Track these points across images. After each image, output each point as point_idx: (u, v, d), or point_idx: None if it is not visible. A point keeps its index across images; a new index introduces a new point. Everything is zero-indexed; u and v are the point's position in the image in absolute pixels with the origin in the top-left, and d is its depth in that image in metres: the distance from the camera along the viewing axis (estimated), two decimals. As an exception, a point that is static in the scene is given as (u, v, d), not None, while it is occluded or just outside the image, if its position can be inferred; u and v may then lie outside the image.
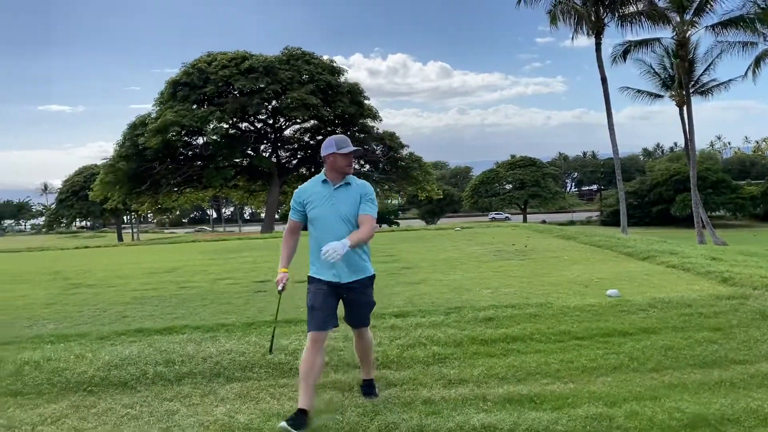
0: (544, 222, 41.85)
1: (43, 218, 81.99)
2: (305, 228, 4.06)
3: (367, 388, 4.35)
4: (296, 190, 4.02)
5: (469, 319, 5.95)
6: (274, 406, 4.15)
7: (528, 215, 78.39)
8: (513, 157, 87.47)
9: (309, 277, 4.02)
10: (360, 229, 3.75)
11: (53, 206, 72.50)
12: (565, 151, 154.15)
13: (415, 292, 7.78)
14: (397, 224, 66.63)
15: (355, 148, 3.92)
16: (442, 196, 51.42)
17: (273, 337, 4.59)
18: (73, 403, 4.34)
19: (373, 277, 4.03)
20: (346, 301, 3.97)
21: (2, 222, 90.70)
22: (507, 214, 79.25)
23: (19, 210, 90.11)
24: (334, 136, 3.98)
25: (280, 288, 4.05)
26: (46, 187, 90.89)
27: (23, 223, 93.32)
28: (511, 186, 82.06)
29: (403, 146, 42.46)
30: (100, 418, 4.07)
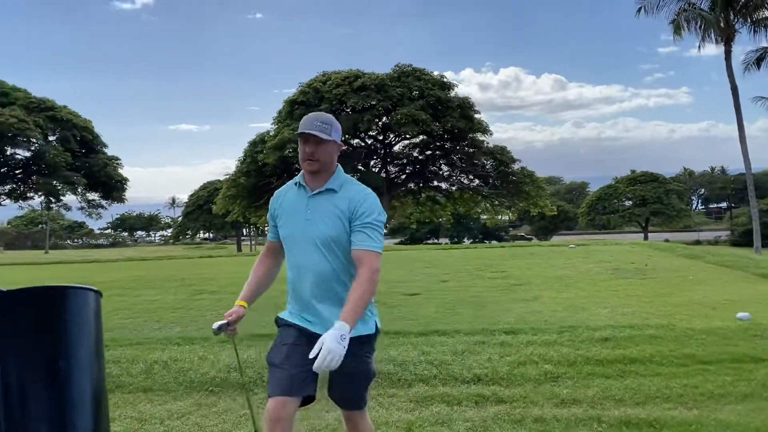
0: (666, 241, 39.56)
1: (171, 230, 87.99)
2: None
3: None
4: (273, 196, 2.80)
5: (584, 339, 5.73)
6: (383, 414, 4.20)
7: (649, 234, 74.29)
8: (633, 172, 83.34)
9: (276, 319, 2.76)
10: (356, 284, 2.34)
11: (180, 219, 77.71)
12: (691, 166, 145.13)
13: (527, 309, 7.61)
14: (508, 241, 65.42)
15: (313, 132, 2.46)
16: (555, 213, 49.90)
17: (249, 403, 3.03)
18: (196, 401, 4.61)
19: (376, 335, 2.61)
20: None
21: (135, 233, 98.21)
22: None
23: (150, 222, 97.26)
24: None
25: (219, 328, 2.80)
26: (174, 200, 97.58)
27: (153, 234, 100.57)
28: (631, 203, 78.16)
29: (514, 161, 41.67)
30: (221, 417, 4.29)
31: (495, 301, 8.33)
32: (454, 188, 40.81)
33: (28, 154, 36.92)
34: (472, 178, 41.05)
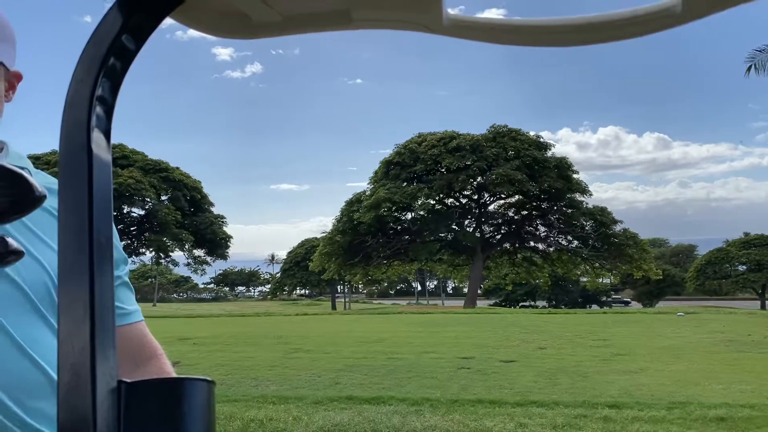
0: (787, 309, 36.31)
1: (269, 286, 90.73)
2: None
3: None
4: None
5: (696, 417, 5.29)
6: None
7: (767, 302, 68.67)
8: (747, 234, 78.13)
9: None
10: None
11: (278, 275, 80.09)
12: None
13: (632, 381, 7.16)
14: (610, 306, 62.47)
15: None
16: (661, 277, 47.37)
17: None
18: (289, 464, 4.62)
19: None
20: None
21: (236, 288, 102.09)
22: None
23: (250, 278, 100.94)
24: None
25: None
26: (273, 257, 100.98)
27: (253, 290, 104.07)
28: (745, 267, 72.97)
29: (615, 222, 40.26)
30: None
31: (597, 371, 7.90)
32: (551, 249, 39.77)
33: (142, 212, 39.66)
34: (570, 239, 39.92)
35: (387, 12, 0.47)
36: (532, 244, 41.53)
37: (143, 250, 40.85)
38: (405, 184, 40.73)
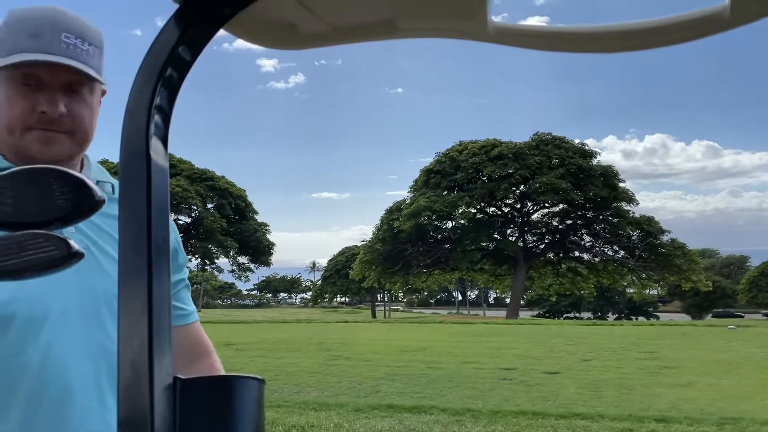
0: None
1: (310, 293, 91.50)
2: None
3: None
4: None
5: (750, 435, 5.11)
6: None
7: (824, 315, 65.92)
8: (801, 245, 75.17)
9: None
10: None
11: (319, 282, 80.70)
12: None
13: (681, 395, 6.96)
14: (657, 318, 60.85)
15: (67, 61, 1.00)
16: (710, 289, 45.94)
17: None
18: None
19: None
20: None
21: (278, 295, 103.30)
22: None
23: (292, 285, 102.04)
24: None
25: None
26: (314, 265, 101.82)
27: (294, 297, 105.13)
28: (801, 280, 70.10)
29: (663, 232, 39.28)
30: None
31: (643, 384, 7.71)
32: (597, 259, 39.02)
33: (188, 220, 40.53)
34: (616, 249, 39.10)
35: (432, 21, 0.47)
36: (576, 254, 40.81)
37: (189, 256, 41.70)
38: (445, 192, 40.56)
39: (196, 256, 41.90)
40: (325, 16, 0.47)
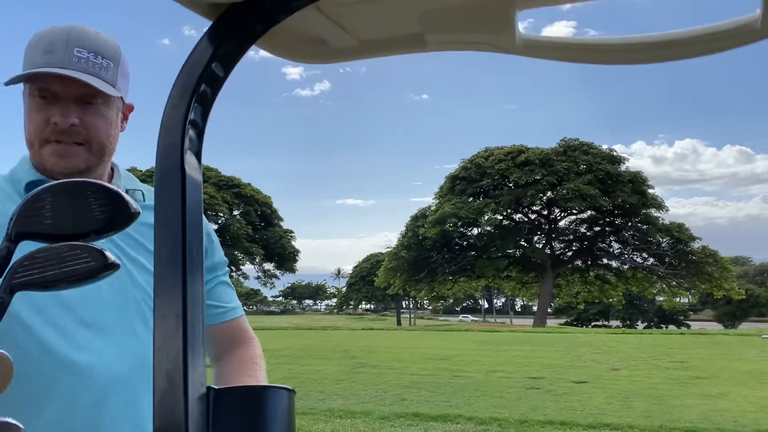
0: None
1: (335, 300, 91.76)
2: None
3: None
4: None
5: (786, 448, 4.98)
6: None
7: None
8: (838, 252, 73.26)
9: None
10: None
11: (344, 289, 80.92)
12: None
13: (712, 407, 6.81)
14: (687, 326, 59.68)
15: (77, 75, 1.02)
16: (743, 297, 44.95)
17: None
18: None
19: None
20: None
21: (303, 301, 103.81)
22: None
23: (317, 291, 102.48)
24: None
25: None
26: (339, 271, 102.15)
27: (319, 303, 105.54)
28: (837, 287, 68.30)
29: (693, 239, 38.58)
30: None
31: (674, 394, 7.56)
32: (625, 267, 38.47)
33: (215, 226, 40.99)
34: (646, 256, 38.49)
35: (461, 35, 0.48)
36: (605, 261, 40.28)
37: (216, 263, 42.19)
38: (471, 199, 40.38)
39: (223, 262, 42.37)
40: (355, 31, 0.47)
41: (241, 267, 43.31)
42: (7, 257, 0.48)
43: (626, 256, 39.46)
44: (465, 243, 43.32)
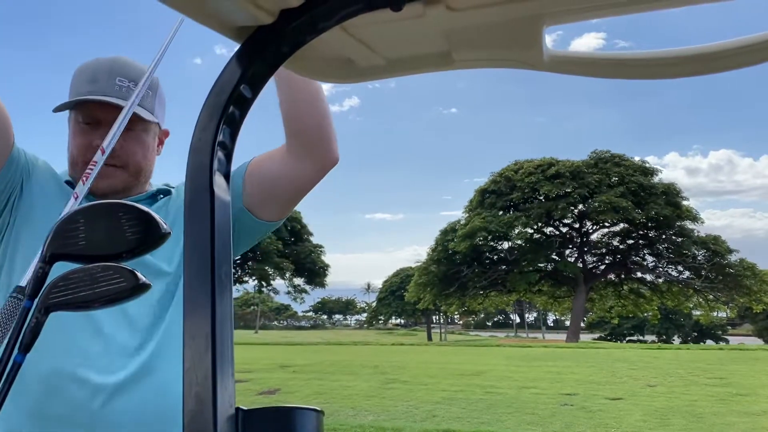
0: None
1: (365, 314, 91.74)
2: None
3: None
4: None
5: (834, 469, 4.79)
6: None
7: None
8: None
9: None
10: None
11: (374, 304, 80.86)
12: None
13: (755, 425, 6.60)
14: (726, 341, 58.15)
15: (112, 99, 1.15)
16: (784, 310, 43.65)
17: None
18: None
19: None
20: None
21: (333, 316, 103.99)
22: None
23: (347, 306, 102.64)
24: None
25: None
26: (369, 286, 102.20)
27: (349, 318, 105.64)
28: None
29: (731, 251, 37.68)
30: None
31: (713, 412, 7.35)
32: (660, 280, 37.71)
33: (247, 242, 41.35)
34: (681, 269, 37.66)
35: (487, 52, 0.47)
36: (639, 274, 39.59)
37: (246, 278, 42.47)
38: (501, 212, 40.12)
39: (253, 277, 42.64)
40: (381, 50, 0.47)
41: (272, 282, 43.60)
42: (42, 278, 0.49)
43: (661, 269, 38.74)
44: (495, 257, 43.01)
